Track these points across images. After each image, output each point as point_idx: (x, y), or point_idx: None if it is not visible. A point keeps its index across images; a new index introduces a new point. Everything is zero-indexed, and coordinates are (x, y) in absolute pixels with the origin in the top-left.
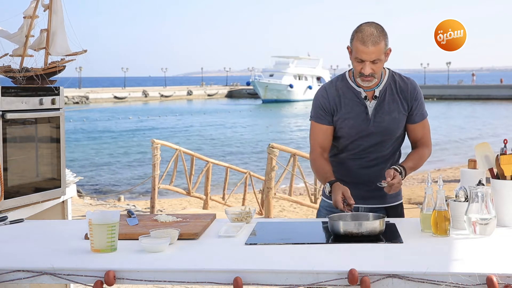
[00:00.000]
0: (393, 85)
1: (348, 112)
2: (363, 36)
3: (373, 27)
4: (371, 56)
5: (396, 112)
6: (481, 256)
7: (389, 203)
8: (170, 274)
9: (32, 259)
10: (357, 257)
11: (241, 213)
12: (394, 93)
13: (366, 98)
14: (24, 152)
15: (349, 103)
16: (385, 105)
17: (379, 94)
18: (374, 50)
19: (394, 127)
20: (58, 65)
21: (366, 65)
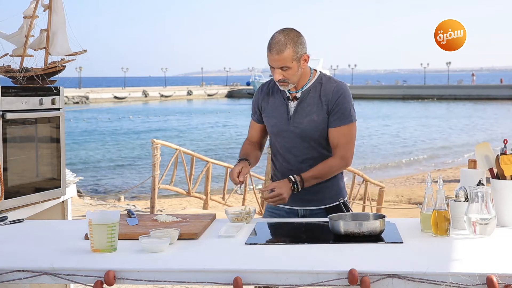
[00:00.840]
0: (318, 88)
1: (272, 111)
2: (270, 43)
3: (284, 34)
4: (277, 63)
5: (315, 115)
6: (481, 256)
7: (326, 204)
8: (170, 274)
9: (32, 259)
10: (357, 257)
11: (241, 213)
12: (316, 96)
13: (289, 99)
14: (24, 152)
15: (275, 103)
16: (305, 107)
17: (300, 95)
18: (278, 58)
19: (312, 129)
20: (58, 65)
21: (276, 72)
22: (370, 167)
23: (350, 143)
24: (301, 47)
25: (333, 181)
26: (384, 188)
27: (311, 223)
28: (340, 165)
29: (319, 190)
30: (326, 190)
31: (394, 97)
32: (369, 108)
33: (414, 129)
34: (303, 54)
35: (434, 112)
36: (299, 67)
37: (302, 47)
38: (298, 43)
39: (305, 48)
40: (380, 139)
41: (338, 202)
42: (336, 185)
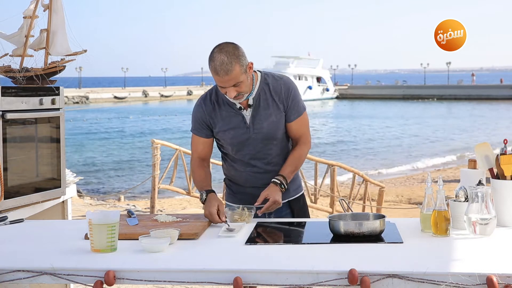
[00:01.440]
0: (266, 89)
1: (227, 124)
2: (215, 66)
3: (224, 53)
4: (229, 83)
5: (274, 116)
6: (481, 256)
7: (291, 196)
8: (170, 274)
9: (32, 259)
10: (357, 257)
11: (241, 213)
12: (268, 97)
13: (241, 108)
14: (24, 152)
15: (227, 115)
16: (261, 111)
17: (253, 101)
18: (228, 78)
19: (274, 130)
20: (58, 65)
21: (229, 90)
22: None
23: (308, 130)
24: (244, 58)
25: (295, 174)
26: (384, 188)
27: (311, 223)
28: (306, 151)
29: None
30: (291, 183)
31: (394, 97)
32: (369, 108)
33: (414, 129)
34: (247, 64)
35: (434, 112)
36: (248, 77)
37: (244, 58)
38: (240, 55)
39: (246, 57)
40: (380, 139)
41: (299, 193)
42: (297, 177)
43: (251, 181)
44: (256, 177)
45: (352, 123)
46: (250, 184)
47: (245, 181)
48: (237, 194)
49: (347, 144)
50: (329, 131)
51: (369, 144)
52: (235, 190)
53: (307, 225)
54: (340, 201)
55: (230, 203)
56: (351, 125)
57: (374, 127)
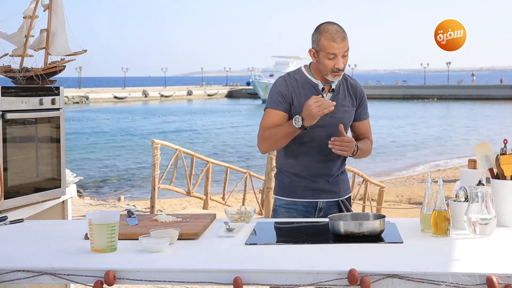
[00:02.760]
0: (344, 82)
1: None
2: (331, 34)
3: (337, 25)
4: (342, 50)
5: (348, 107)
6: (481, 256)
7: (341, 196)
8: (170, 274)
9: (32, 259)
10: (357, 257)
11: (241, 213)
12: (345, 89)
13: (323, 90)
14: (24, 152)
15: (308, 94)
16: (340, 99)
17: (335, 87)
18: (344, 44)
19: (346, 119)
20: (58, 65)
21: (340, 60)
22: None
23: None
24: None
25: (345, 175)
26: (384, 188)
27: (311, 223)
28: (371, 149)
29: (337, 182)
30: (342, 182)
31: (394, 97)
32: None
33: (414, 129)
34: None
35: (434, 112)
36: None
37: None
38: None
39: None
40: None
41: (349, 194)
42: (347, 178)
43: (309, 169)
44: (316, 165)
45: None
46: (308, 173)
47: (303, 168)
48: (289, 187)
49: None
50: None
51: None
52: (287, 183)
53: (307, 225)
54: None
55: (279, 197)
56: None
57: (374, 127)
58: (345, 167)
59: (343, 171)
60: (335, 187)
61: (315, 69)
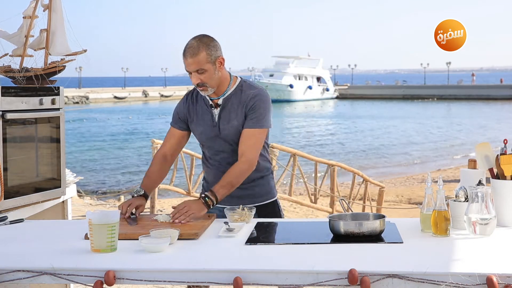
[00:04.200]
0: (238, 94)
1: (199, 119)
2: (184, 49)
3: (197, 39)
4: (192, 67)
5: (235, 121)
6: (481, 256)
7: (258, 202)
8: (170, 274)
9: (32, 259)
10: (357, 257)
11: (241, 213)
12: (236, 102)
13: (212, 106)
14: (24, 152)
15: (200, 110)
16: (227, 114)
17: (222, 102)
18: (193, 61)
19: (235, 135)
20: (58, 65)
21: (193, 76)
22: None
23: (256, 147)
24: (215, 50)
25: (263, 180)
26: (384, 188)
27: (311, 223)
28: (246, 169)
29: (249, 187)
30: (256, 188)
31: (394, 97)
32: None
33: (414, 129)
34: (218, 57)
35: (434, 112)
36: (215, 70)
37: (216, 50)
38: (211, 46)
39: (220, 51)
40: (380, 139)
41: (269, 200)
42: (266, 184)
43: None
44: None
45: (352, 123)
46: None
47: (214, 178)
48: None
49: (347, 144)
50: (329, 131)
51: (369, 144)
52: (205, 188)
53: (307, 225)
54: (340, 201)
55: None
56: (351, 125)
57: (374, 127)
58: (344, 167)
59: (263, 176)
60: (249, 192)
61: None
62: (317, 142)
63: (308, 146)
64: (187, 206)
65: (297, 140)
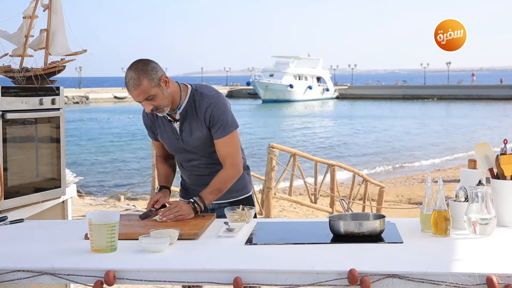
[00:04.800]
0: (192, 105)
1: (163, 132)
2: (126, 83)
3: (133, 70)
4: (140, 97)
5: (199, 131)
6: (481, 256)
7: (233, 197)
8: (170, 274)
9: (32, 259)
10: (357, 257)
11: (241, 213)
12: (193, 112)
13: (171, 121)
14: (24, 152)
15: (162, 124)
16: (187, 126)
17: (179, 116)
18: (138, 92)
19: (201, 145)
20: (58, 65)
21: (144, 105)
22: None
23: (236, 151)
24: (155, 72)
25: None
26: (384, 188)
27: (311, 223)
28: (233, 174)
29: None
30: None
31: (394, 97)
32: (369, 108)
33: (414, 129)
34: (160, 78)
35: (434, 112)
36: (163, 90)
37: (155, 72)
38: (150, 70)
39: (160, 71)
40: (380, 139)
41: (244, 196)
42: (241, 179)
43: (192, 181)
44: (197, 178)
45: (352, 123)
46: (190, 183)
47: (188, 179)
48: (183, 190)
49: (347, 144)
50: (329, 131)
51: (369, 144)
52: (182, 186)
53: (307, 225)
54: (340, 201)
55: (181, 198)
56: (351, 125)
57: (374, 127)
58: (344, 167)
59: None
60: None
61: None
62: (317, 142)
63: (308, 146)
64: (178, 207)
65: (297, 140)
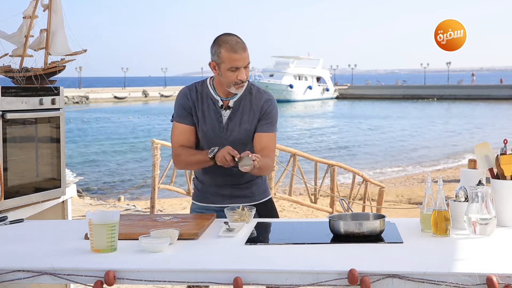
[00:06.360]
0: (248, 97)
1: (204, 117)
2: (231, 45)
3: (235, 36)
4: (244, 62)
5: (247, 124)
6: (481, 256)
7: (256, 200)
8: (170, 274)
9: (32, 259)
10: (357, 257)
11: (241, 213)
12: (248, 104)
13: (222, 107)
14: (24, 152)
15: (207, 109)
16: (238, 116)
17: (233, 104)
18: (245, 55)
19: (245, 137)
20: (58, 65)
21: (242, 71)
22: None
23: (274, 149)
24: None
25: (261, 179)
26: (384, 188)
27: (311, 223)
28: (270, 165)
29: (249, 186)
30: (255, 186)
31: (394, 97)
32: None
33: (414, 129)
34: None
35: (434, 112)
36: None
37: None
38: None
39: None
40: (380, 139)
41: (266, 198)
42: (263, 182)
43: (215, 180)
44: (221, 178)
45: (352, 123)
46: (215, 182)
47: (210, 178)
48: (201, 193)
49: (347, 144)
50: (329, 131)
51: (369, 144)
52: (200, 189)
53: (307, 225)
54: (340, 201)
55: (194, 201)
56: (351, 125)
57: (374, 127)
58: (344, 167)
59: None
60: (247, 191)
61: (218, 82)
62: (317, 142)
63: (308, 146)
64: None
65: (297, 140)
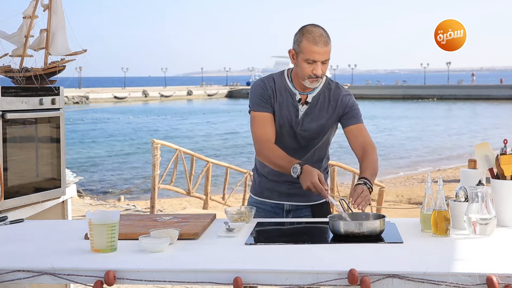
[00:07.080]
0: (327, 93)
1: (281, 110)
2: (314, 37)
3: (321, 28)
4: (323, 56)
5: (325, 120)
6: (481, 256)
7: (313, 201)
8: (170, 274)
9: (32, 259)
10: (357, 257)
11: (241, 213)
12: (326, 100)
13: (299, 101)
14: (24, 152)
15: (283, 102)
16: (315, 111)
17: (311, 100)
18: (326, 50)
19: (320, 133)
20: (58, 65)
21: (318, 66)
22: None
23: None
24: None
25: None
26: (384, 188)
27: (311, 223)
28: (377, 158)
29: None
30: None
31: (394, 97)
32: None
33: (414, 129)
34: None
35: (434, 112)
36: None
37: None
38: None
39: None
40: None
41: (323, 199)
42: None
43: (276, 174)
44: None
45: None
46: (273, 177)
47: (269, 172)
48: (258, 187)
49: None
50: None
51: None
52: (258, 182)
53: (307, 225)
54: (340, 201)
55: (251, 194)
56: None
57: (374, 127)
58: (344, 167)
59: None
60: (303, 191)
61: (295, 74)
62: None
63: None
64: (365, 191)
65: None
